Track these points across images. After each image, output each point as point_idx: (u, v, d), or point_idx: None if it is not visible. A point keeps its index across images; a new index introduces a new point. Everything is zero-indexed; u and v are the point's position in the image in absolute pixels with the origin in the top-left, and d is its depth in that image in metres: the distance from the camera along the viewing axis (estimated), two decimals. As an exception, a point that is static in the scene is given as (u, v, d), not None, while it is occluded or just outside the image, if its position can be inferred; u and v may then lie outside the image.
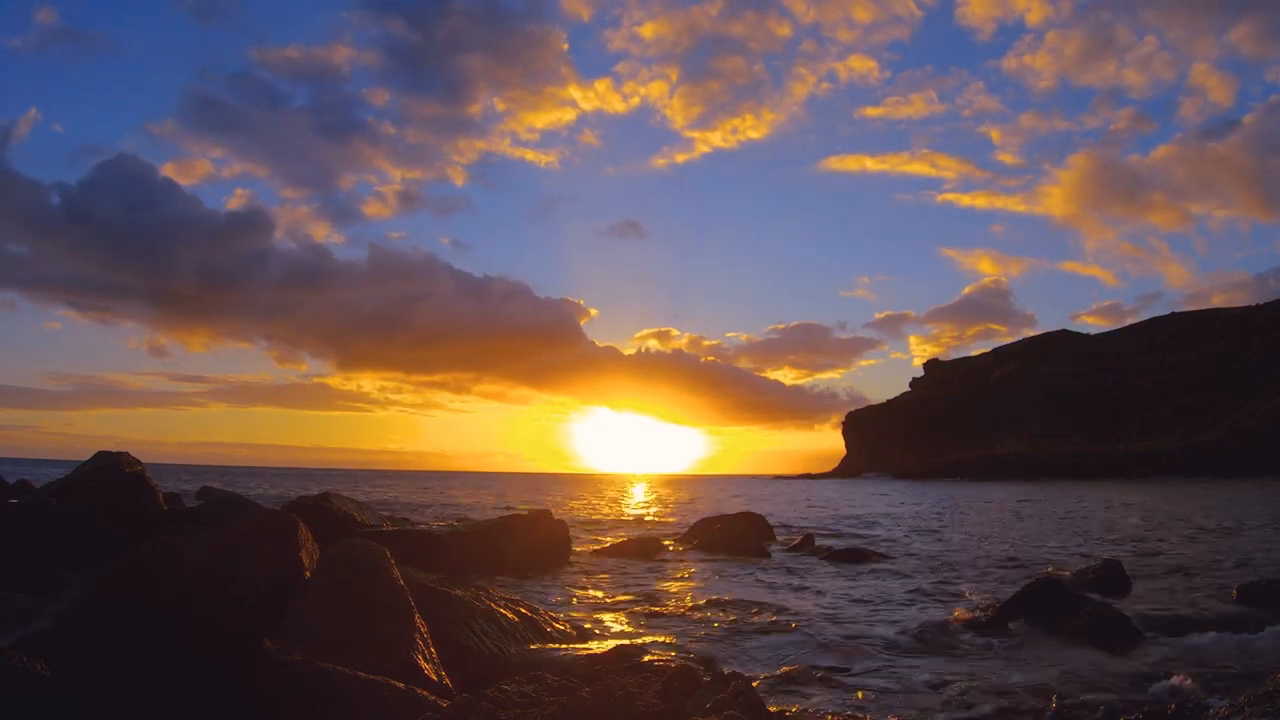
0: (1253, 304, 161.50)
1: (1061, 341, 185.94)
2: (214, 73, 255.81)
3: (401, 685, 4.66)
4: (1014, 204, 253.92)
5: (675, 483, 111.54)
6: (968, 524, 26.24)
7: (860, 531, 23.13)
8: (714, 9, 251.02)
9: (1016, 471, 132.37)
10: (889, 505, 40.86)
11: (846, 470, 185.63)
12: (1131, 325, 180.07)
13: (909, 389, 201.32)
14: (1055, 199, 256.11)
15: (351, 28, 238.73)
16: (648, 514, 31.48)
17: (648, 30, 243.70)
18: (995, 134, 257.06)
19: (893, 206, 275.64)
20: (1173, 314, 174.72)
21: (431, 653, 5.53)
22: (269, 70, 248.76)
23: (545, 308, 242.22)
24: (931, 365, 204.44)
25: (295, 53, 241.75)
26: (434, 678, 5.21)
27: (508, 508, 29.26)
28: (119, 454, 16.39)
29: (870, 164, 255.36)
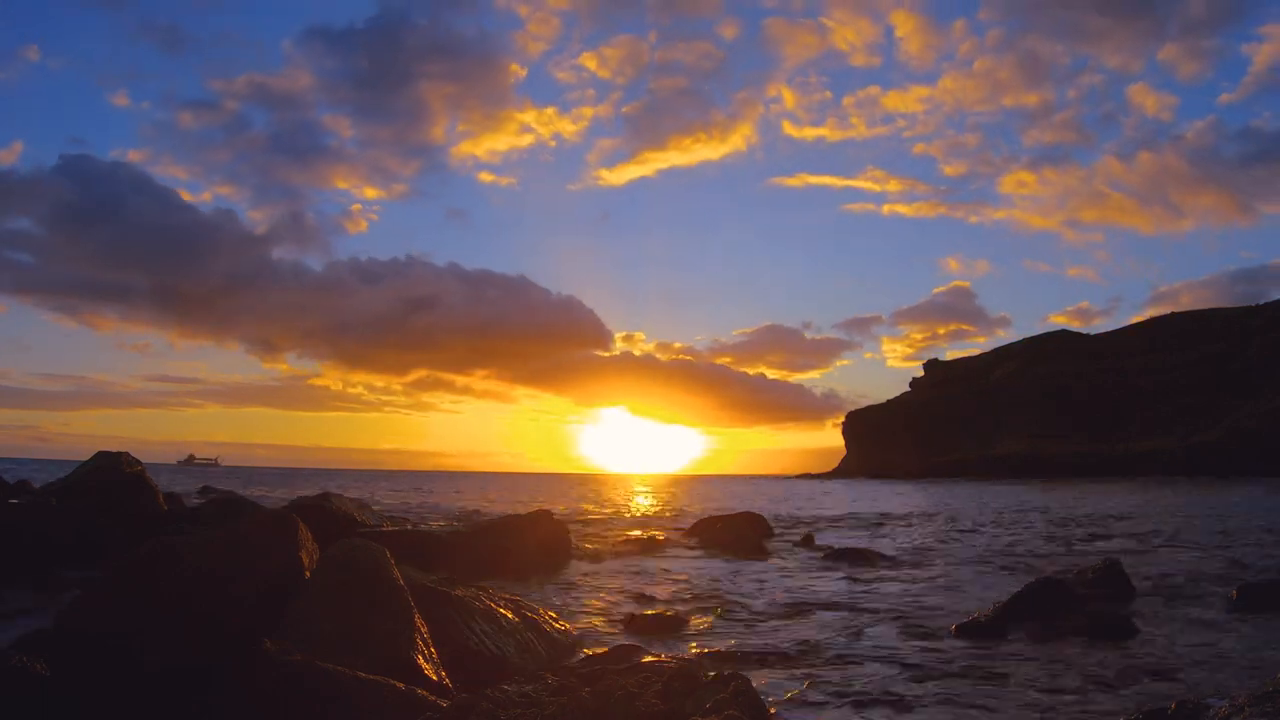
0: (1221, 305, 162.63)
1: (1061, 341, 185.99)
2: (178, 100, 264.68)
3: (401, 685, 4.66)
4: (964, 214, 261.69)
5: (675, 483, 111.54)
6: (967, 524, 26.24)
7: (860, 531, 23.13)
8: (653, 36, 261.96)
9: (1017, 471, 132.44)
10: (888, 505, 40.87)
11: (846, 470, 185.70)
12: (1131, 325, 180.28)
13: (909, 389, 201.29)
14: (1009, 208, 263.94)
15: (312, 57, 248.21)
16: (648, 514, 31.49)
17: (591, 60, 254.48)
18: (938, 151, 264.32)
19: (844, 218, 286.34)
20: (1172, 314, 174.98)
21: (431, 653, 5.54)
22: (231, 98, 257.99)
23: (555, 308, 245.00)
24: (931, 365, 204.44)
25: (257, 80, 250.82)
26: (434, 678, 5.21)
27: (508, 508, 29.28)
28: (119, 454, 16.39)
29: (818, 180, 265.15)
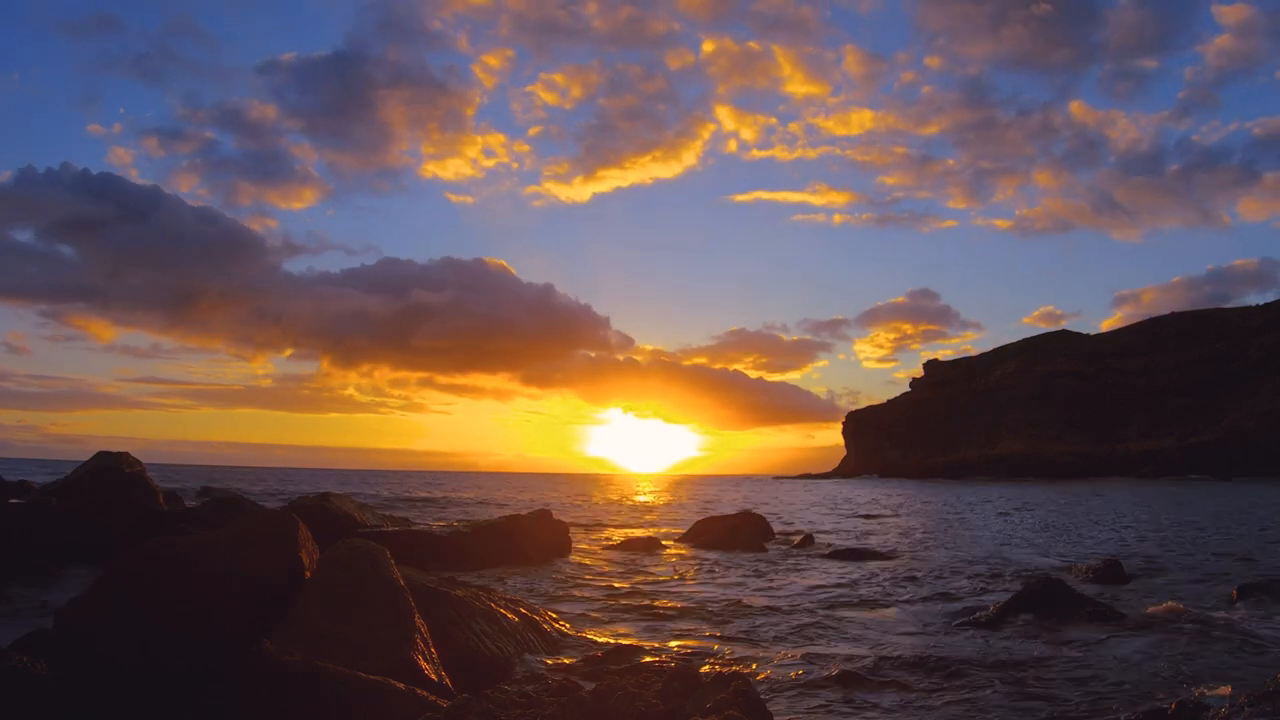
0: (1183, 307, 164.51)
1: (1061, 341, 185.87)
2: (150, 127, 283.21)
3: (401, 685, 4.66)
4: (915, 224, 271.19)
5: (675, 482, 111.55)
6: (968, 524, 26.25)
7: (860, 531, 23.13)
8: (599, 64, 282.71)
9: (1017, 471, 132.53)
10: (889, 505, 40.87)
11: (846, 470, 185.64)
12: (1131, 325, 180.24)
13: (909, 389, 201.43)
14: (959, 219, 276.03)
15: (282, 86, 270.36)
16: (648, 513, 31.49)
17: (544, 88, 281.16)
18: (886, 167, 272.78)
19: (799, 229, 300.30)
20: (1172, 314, 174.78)
21: (431, 653, 5.54)
22: (202, 125, 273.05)
23: (561, 309, 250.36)
24: (931, 365, 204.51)
25: (228, 108, 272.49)
26: (434, 678, 5.21)
27: (508, 507, 29.28)
28: (119, 454, 16.40)
29: (771, 196, 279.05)
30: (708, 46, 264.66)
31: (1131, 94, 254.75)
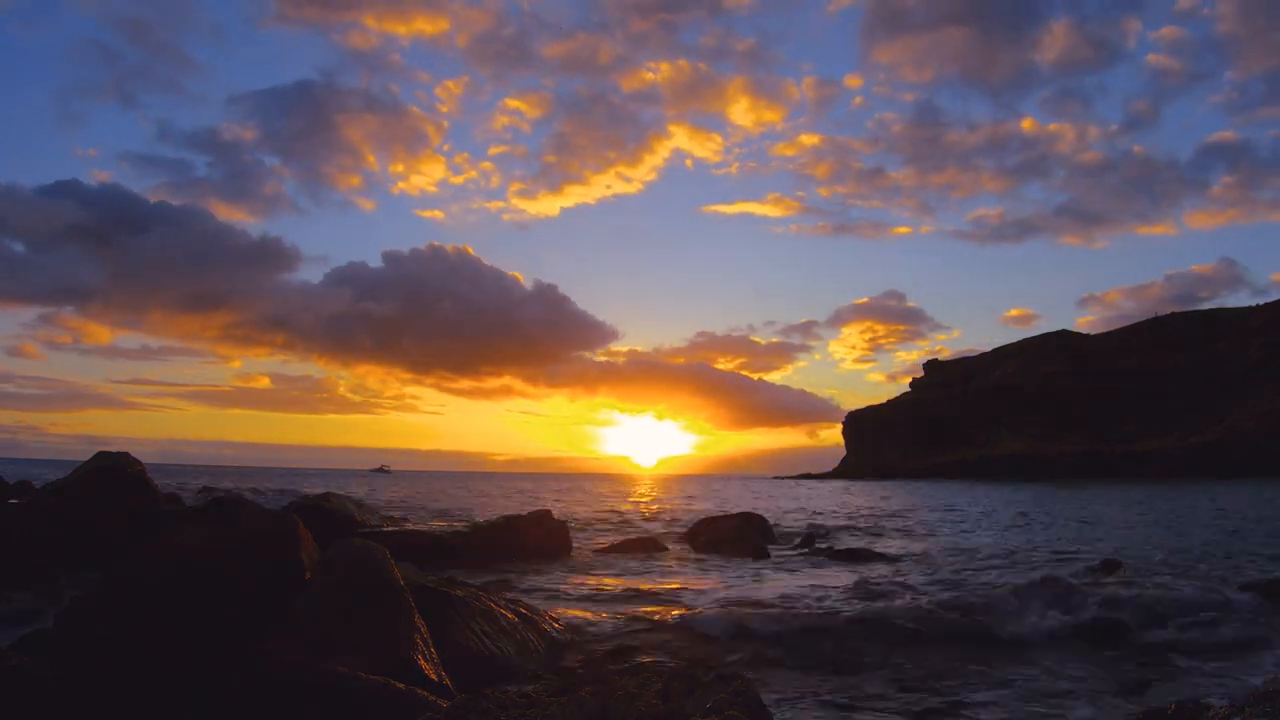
0: (1153, 308, 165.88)
1: (1061, 341, 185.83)
2: (124, 148, 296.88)
3: (402, 685, 4.66)
4: (874, 233, 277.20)
5: (674, 482, 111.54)
6: (968, 524, 26.25)
7: (860, 532, 23.13)
8: (555, 82, 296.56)
9: (1017, 472, 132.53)
10: (889, 506, 40.87)
11: (846, 471, 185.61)
12: (1132, 325, 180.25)
13: (909, 389, 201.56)
14: (916, 227, 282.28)
15: (254, 112, 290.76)
16: (648, 513, 31.48)
17: (505, 110, 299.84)
18: (839, 173, 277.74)
19: (758, 239, 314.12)
20: (1172, 314, 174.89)
21: (431, 653, 5.54)
22: (185, 148, 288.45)
23: (565, 312, 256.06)
24: (931, 365, 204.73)
25: (205, 132, 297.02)
26: (434, 678, 5.21)
27: (507, 507, 29.27)
28: (119, 454, 16.36)
29: (727, 209, 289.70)
30: (661, 70, 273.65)
31: (1077, 109, 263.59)
